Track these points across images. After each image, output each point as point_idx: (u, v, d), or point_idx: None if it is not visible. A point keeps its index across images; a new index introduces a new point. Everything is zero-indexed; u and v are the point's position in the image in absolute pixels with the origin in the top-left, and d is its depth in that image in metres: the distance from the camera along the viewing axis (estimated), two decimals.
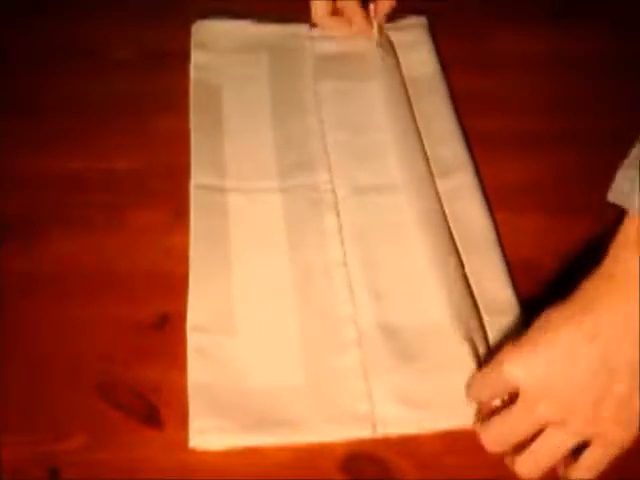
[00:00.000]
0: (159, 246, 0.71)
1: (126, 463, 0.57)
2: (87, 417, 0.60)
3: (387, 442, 0.59)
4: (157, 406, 0.60)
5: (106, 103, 0.83)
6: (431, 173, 0.75)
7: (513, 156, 0.78)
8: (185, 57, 0.87)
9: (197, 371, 0.62)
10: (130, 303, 0.67)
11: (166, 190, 0.75)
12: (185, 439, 0.58)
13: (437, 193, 0.74)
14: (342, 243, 0.70)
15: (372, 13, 0.89)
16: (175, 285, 0.67)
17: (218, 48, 0.89)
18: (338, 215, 0.72)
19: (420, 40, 0.90)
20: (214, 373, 0.62)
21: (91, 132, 0.80)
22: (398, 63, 0.87)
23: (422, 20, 0.92)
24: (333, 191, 0.74)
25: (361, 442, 0.59)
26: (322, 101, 0.83)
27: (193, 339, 0.64)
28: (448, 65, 0.87)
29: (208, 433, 0.59)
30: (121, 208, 0.74)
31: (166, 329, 0.65)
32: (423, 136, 0.79)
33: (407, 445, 0.59)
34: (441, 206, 0.73)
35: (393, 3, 0.89)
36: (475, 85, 0.84)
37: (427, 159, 0.77)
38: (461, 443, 0.59)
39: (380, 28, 0.89)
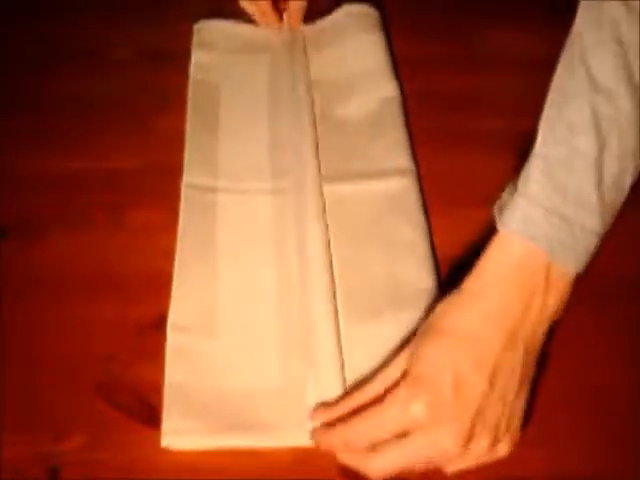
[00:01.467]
0: (159, 246, 0.71)
1: (126, 463, 0.57)
2: (87, 417, 0.60)
3: None
4: (157, 406, 0.60)
5: (106, 103, 0.83)
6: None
7: (510, 156, 0.78)
8: (185, 57, 0.87)
9: (174, 371, 0.61)
10: (130, 303, 0.67)
11: (166, 190, 0.75)
12: None
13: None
14: (328, 247, 0.69)
15: (285, 18, 0.91)
16: None
17: (219, 48, 0.89)
18: (326, 219, 0.71)
19: (364, 29, 0.90)
20: (191, 374, 0.61)
21: (91, 132, 0.80)
22: (307, 64, 0.87)
23: (370, 10, 0.92)
24: (322, 194, 0.73)
25: None
26: (319, 104, 0.83)
27: (172, 339, 0.63)
28: (445, 64, 0.87)
29: (180, 434, 0.58)
30: (121, 208, 0.74)
31: (166, 329, 0.65)
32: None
33: None
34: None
35: (304, 4, 0.91)
36: (474, 85, 0.84)
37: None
38: None
39: (294, 28, 0.91)
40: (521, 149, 0.79)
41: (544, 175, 0.54)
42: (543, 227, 0.53)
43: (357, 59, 0.87)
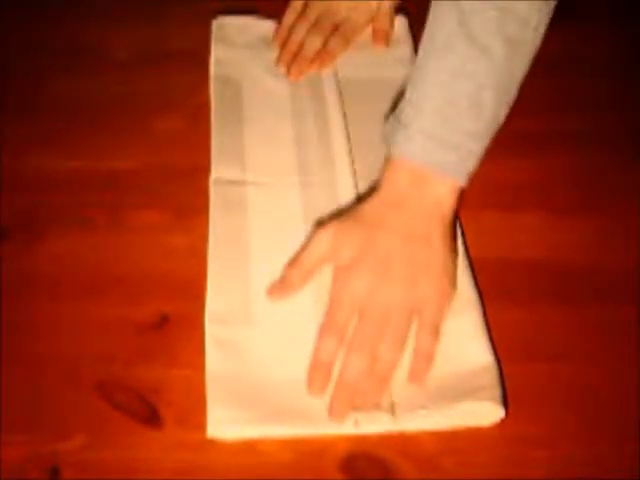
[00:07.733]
0: (159, 246, 0.71)
1: (126, 463, 0.57)
2: (87, 417, 0.60)
3: (387, 442, 0.59)
4: (157, 406, 0.60)
5: (106, 103, 0.83)
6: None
7: (512, 156, 0.78)
8: (185, 57, 0.87)
9: (215, 361, 0.62)
10: (130, 303, 0.67)
11: (166, 190, 0.75)
12: (185, 438, 0.59)
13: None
14: None
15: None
16: (175, 285, 0.67)
17: (238, 44, 0.89)
18: None
19: (401, 39, 0.90)
20: (231, 364, 0.62)
21: (91, 132, 0.80)
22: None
23: (402, 20, 0.91)
24: (354, 187, 0.74)
25: (361, 442, 0.59)
26: (343, 95, 0.83)
27: (211, 330, 0.64)
28: None
29: (226, 424, 0.59)
30: (121, 208, 0.74)
31: (166, 329, 0.65)
32: None
33: (407, 445, 0.59)
34: None
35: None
36: None
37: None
38: (461, 443, 0.59)
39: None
40: (524, 148, 0.79)
41: (434, 111, 0.66)
42: (432, 153, 0.66)
43: (383, 56, 0.88)
